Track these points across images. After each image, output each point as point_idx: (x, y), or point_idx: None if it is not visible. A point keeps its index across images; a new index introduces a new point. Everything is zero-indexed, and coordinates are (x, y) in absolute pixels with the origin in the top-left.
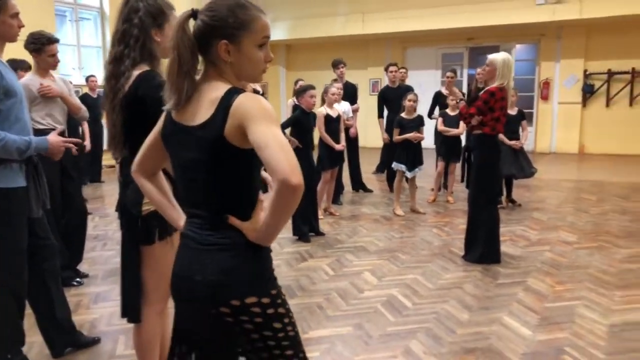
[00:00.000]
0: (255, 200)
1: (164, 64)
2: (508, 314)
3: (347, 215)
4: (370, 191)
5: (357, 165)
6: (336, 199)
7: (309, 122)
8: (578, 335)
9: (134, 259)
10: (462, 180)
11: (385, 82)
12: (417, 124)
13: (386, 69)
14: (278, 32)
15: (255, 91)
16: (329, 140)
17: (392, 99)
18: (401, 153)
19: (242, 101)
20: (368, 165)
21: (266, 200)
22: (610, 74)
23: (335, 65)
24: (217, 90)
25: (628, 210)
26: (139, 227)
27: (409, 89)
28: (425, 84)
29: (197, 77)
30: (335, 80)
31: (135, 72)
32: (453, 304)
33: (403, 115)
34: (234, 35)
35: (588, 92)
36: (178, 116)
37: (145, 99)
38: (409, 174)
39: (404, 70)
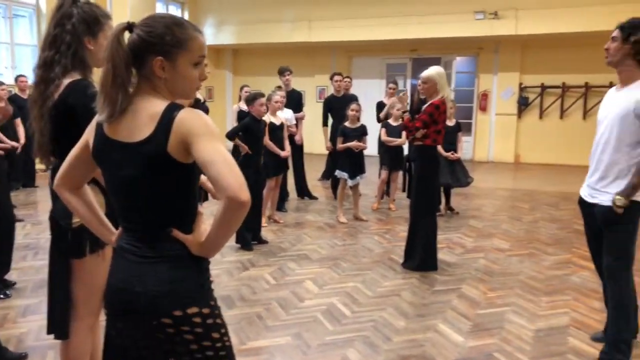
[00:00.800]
0: (195, 213)
1: (97, 73)
2: (442, 320)
3: (291, 223)
4: (316, 198)
5: (302, 173)
6: (281, 206)
7: (260, 130)
8: (506, 341)
9: (63, 272)
10: (404, 190)
11: (331, 90)
12: (360, 133)
13: (331, 78)
14: (225, 37)
15: (197, 100)
16: (273, 147)
17: (337, 107)
18: (344, 161)
19: (185, 117)
20: (315, 172)
21: (205, 210)
22: (543, 87)
23: (281, 72)
24: (155, 105)
25: (557, 218)
26: (69, 241)
27: (353, 98)
28: (370, 93)
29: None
30: (278, 88)
31: (66, 81)
32: (390, 311)
33: (346, 124)
34: (169, 53)
35: (523, 104)
36: (112, 132)
37: (76, 108)
38: (350, 182)
39: (348, 79)
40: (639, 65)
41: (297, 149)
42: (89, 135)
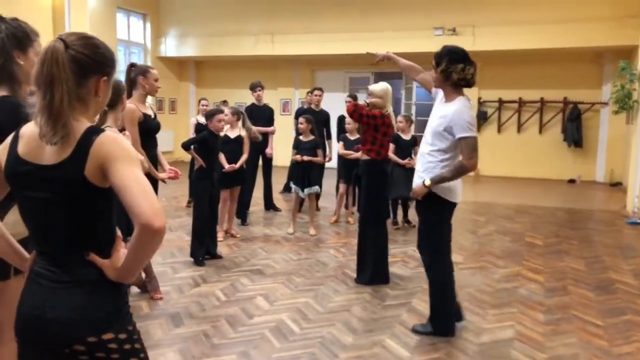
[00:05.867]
0: (114, 238)
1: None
2: (390, 335)
3: (248, 237)
4: (279, 210)
5: (269, 185)
6: (242, 219)
7: (216, 144)
8: (450, 355)
9: None
10: (354, 204)
11: (295, 103)
12: (312, 145)
13: (311, 92)
14: (187, 49)
15: (147, 115)
16: (221, 159)
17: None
18: (297, 174)
19: (103, 142)
20: (277, 185)
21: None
22: (501, 102)
23: (253, 88)
24: (81, 127)
25: (510, 231)
26: None
27: (302, 112)
28: (333, 106)
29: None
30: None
31: None
32: (339, 327)
33: (300, 137)
34: (109, 74)
35: (482, 118)
36: (26, 153)
37: (3, 126)
38: (302, 194)
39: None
40: (452, 88)
41: (266, 162)
42: (1, 154)
